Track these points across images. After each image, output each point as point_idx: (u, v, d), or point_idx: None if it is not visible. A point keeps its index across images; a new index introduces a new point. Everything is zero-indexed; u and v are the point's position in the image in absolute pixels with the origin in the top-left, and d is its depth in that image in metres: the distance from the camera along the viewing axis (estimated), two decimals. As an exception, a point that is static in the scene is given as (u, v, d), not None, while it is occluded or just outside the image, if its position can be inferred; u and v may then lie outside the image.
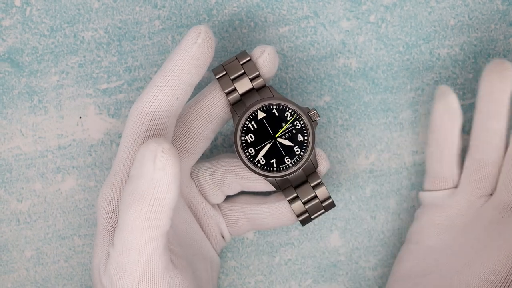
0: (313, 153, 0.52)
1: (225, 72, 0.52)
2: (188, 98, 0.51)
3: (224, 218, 0.54)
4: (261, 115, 0.52)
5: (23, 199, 0.56)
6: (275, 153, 0.52)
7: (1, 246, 0.56)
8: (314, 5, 0.57)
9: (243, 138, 0.52)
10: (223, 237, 0.54)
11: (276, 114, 0.52)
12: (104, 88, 0.57)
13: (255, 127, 0.52)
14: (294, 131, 0.52)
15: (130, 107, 0.56)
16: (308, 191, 0.53)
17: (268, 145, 0.52)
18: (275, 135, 0.52)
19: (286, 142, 0.52)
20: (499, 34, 0.57)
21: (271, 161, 0.52)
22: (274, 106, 0.52)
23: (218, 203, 0.54)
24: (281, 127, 0.52)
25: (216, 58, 0.57)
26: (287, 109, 0.52)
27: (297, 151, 0.52)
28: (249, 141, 0.52)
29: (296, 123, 0.52)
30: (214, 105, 0.52)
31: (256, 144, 0.52)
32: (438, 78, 0.57)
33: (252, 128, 0.52)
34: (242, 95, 0.52)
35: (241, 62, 0.52)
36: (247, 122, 0.52)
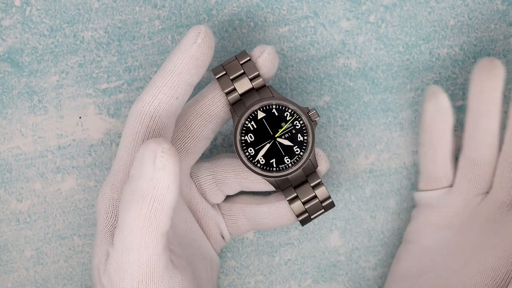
0: (313, 153, 0.52)
1: (224, 72, 0.52)
2: (188, 98, 0.51)
3: (224, 218, 0.54)
4: (260, 115, 0.52)
5: (23, 199, 0.56)
6: (275, 153, 0.52)
7: (1, 246, 0.56)
8: (314, 5, 0.57)
9: (242, 138, 0.52)
10: (222, 237, 0.54)
11: (276, 114, 0.52)
12: (104, 88, 0.57)
13: (255, 127, 0.52)
14: (293, 131, 0.52)
15: (130, 107, 0.56)
16: (308, 191, 0.53)
17: (268, 145, 0.52)
18: (275, 135, 0.52)
19: (286, 142, 0.52)
20: (499, 34, 0.57)
21: (271, 161, 0.52)
22: (273, 106, 0.52)
23: (218, 203, 0.54)
24: (281, 127, 0.52)
25: (216, 58, 0.57)
26: (286, 109, 0.52)
27: (297, 151, 0.52)
28: (249, 141, 0.52)
29: (296, 123, 0.52)
30: (213, 105, 0.52)
31: (256, 144, 0.52)
32: (438, 78, 0.57)
33: (252, 128, 0.52)
34: (242, 95, 0.52)
35: (241, 62, 0.52)
36: (247, 122, 0.52)
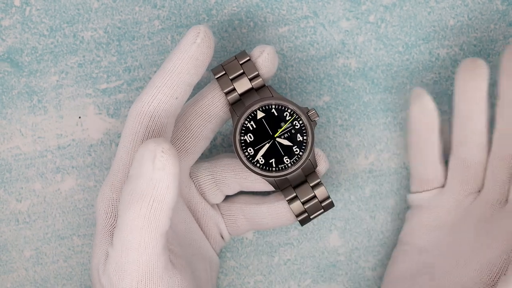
0: (312, 153, 0.52)
1: (224, 72, 0.52)
2: (187, 98, 0.51)
3: (223, 218, 0.54)
4: (260, 115, 0.52)
5: (23, 199, 0.56)
6: (274, 153, 0.52)
7: (0, 246, 0.56)
8: (313, 5, 0.57)
9: (242, 138, 0.52)
10: (222, 237, 0.54)
11: (275, 114, 0.52)
12: (103, 88, 0.57)
13: (254, 127, 0.52)
14: (293, 131, 0.52)
15: (130, 107, 0.56)
16: (307, 191, 0.53)
17: (267, 145, 0.52)
18: (274, 135, 0.52)
19: (285, 142, 0.52)
20: (498, 34, 0.57)
21: (270, 161, 0.52)
22: (273, 106, 0.52)
23: (217, 203, 0.54)
24: (280, 127, 0.52)
25: (215, 58, 0.57)
26: (286, 109, 0.52)
27: (296, 151, 0.52)
28: (248, 141, 0.52)
29: (295, 123, 0.52)
30: (213, 105, 0.52)
31: (255, 144, 0.52)
32: (438, 78, 0.57)
33: (251, 128, 0.52)
34: (241, 95, 0.52)
35: (241, 62, 0.52)
36: (246, 122, 0.52)
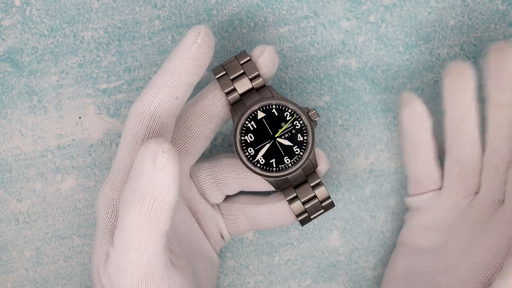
0: (313, 153, 0.52)
1: (224, 72, 0.52)
2: (188, 98, 0.51)
3: (223, 218, 0.54)
4: (260, 115, 0.52)
5: (23, 199, 0.56)
6: (275, 153, 0.52)
7: (0, 246, 0.56)
8: (314, 5, 0.57)
9: (242, 138, 0.52)
10: (222, 237, 0.54)
11: (276, 114, 0.52)
12: (103, 88, 0.57)
13: (255, 127, 0.52)
14: (293, 131, 0.52)
15: (130, 107, 0.56)
16: (308, 191, 0.53)
17: (268, 145, 0.52)
18: (275, 135, 0.52)
19: (286, 142, 0.52)
20: (499, 34, 0.57)
21: (271, 161, 0.52)
22: (273, 106, 0.52)
23: (217, 203, 0.54)
24: (281, 127, 0.52)
25: (216, 58, 0.57)
26: (286, 109, 0.52)
27: (297, 151, 0.52)
28: (249, 141, 0.52)
29: (296, 123, 0.52)
30: (213, 105, 0.52)
31: (256, 144, 0.52)
32: (438, 78, 0.57)
33: (252, 128, 0.52)
34: (242, 95, 0.52)
35: (241, 62, 0.52)
36: (247, 122, 0.52)
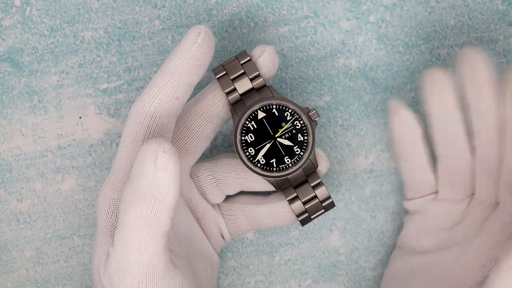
0: (313, 153, 0.52)
1: (225, 72, 0.52)
2: (188, 98, 0.51)
3: (224, 218, 0.54)
4: (261, 115, 0.52)
5: (23, 199, 0.56)
6: (275, 153, 0.52)
7: (1, 246, 0.56)
8: (314, 5, 0.57)
9: (243, 138, 0.52)
10: (223, 237, 0.54)
11: (276, 114, 0.52)
12: (104, 88, 0.57)
13: (255, 127, 0.52)
14: (294, 131, 0.52)
15: (130, 107, 0.56)
16: (308, 191, 0.53)
17: (268, 145, 0.52)
18: (275, 135, 0.52)
19: (286, 142, 0.52)
20: (499, 34, 0.57)
21: (271, 161, 0.52)
22: (274, 106, 0.52)
23: (218, 203, 0.54)
24: (281, 127, 0.52)
25: (216, 58, 0.57)
26: (287, 109, 0.52)
27: (297, 151, 0.52)
28: (249, 141, 0.52)
29: (296, 123, 0.52)
30: (214, 105, 0.52)
31: (256, 144, 0.52)
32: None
33: (252, 128, 0.52)
34: (242, 95, 0.52)
35: (241, 62, 0.52)
36: (247, 122, 0.52)
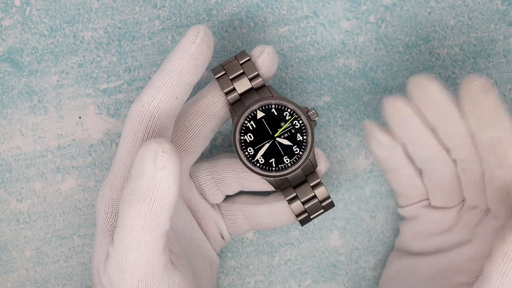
0: (312, 153, 0.52)
1: (224, 72, 0.52)
2: (187, 97, 0.51)
3: (223, 218, 0.54)
4: (260, 114, 0.52)
5: (23, 199, 0.56)
6: (274, 152, 0.52)
7: (0, 246, 0.56)
8: (314, 5, 0.57)
9: (242, 137, 0.52)
10: (222, 237, 0.54)
11: (275, 114, 0.52)
12: (103, 88, 0.57)
13: (254, 126, 0.52)
14: (293, 131, 0.52)
15: (130, 107, 0.56)
16: (307, 191, 0.53)
17: (267, 145, 0.52)
18: (274, 135, 0.52)
19: (285, 142, 0.52)
20: (499, 34, 0.57)
21: (270, 161, 0.52)
22: (273, 106, 0.52)
23: (217, 203, 0.54)
24: (280, 127, 0.52)
25: (215, 58, 0.57)
26: (286, 109, 0.52)
27: (296, 150, 0.52)
28: (248, 141, 0.52)
29: (295, 122, 0.52)
30: (213, 105, 0.52)
31: (255, 144, 0.52)
32: (438, 78, 0.57)
33: (251, 128, 0.52)
34: (241, 94, 0.52)
35: (241, 62, 0.52)
36: (246, 122, 0.52)
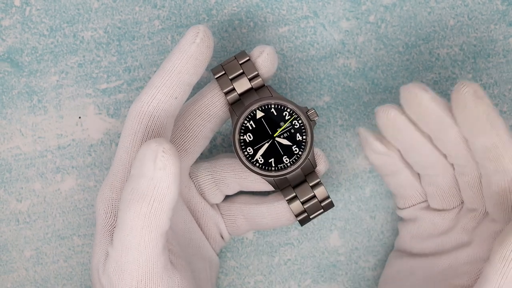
0: (312, 153, 0.52)
1: (224, 72, 0.52)
2: (187, 97, 0.51)
3: (223, 218, 0.54)
4: (259, 114, 0.52)
5: (23, 199, 0.56)
6: (274, 152, 0.52)
7: (0, 246, 0.56)
8: (313, 5, 0.57)
9: (241, 137, 0.52)
10: (222, 237, 0.54)
11: (275, 114, 0.52)
12: (103, 88, 0.57)
13: (254, 126, 0.52)
14: (292, 131, 0.52)
15: (130, 107, 0.56)
16: (307, 191, 0.52)
17: (267, 145, 0.52)
18: (274, 135, 0.52)
19: (285, 142, 0.52)
20: (498, 34, 0.57)
21: (270, 161, 0.52)
22: (272, 106, 0.52)
23: (217, 203, 0.54)
24: (280, 127, 0.52)
25: (215, 58, 0.57)
26: (285, 109, 0.52)
27: (296, 150, 0.52)
28: (248, 141, 0.52)
29: (295, 122, 0.52)
30: (213, 105, 0.52)
31: (255, 144, 0.52)
32: (438, 78, 0.57)
33: (251, 128, 0.52)
34: (241, 94, 0.52)
35: (240, 62, 0.52)
36: (246, 122, 0.52)
